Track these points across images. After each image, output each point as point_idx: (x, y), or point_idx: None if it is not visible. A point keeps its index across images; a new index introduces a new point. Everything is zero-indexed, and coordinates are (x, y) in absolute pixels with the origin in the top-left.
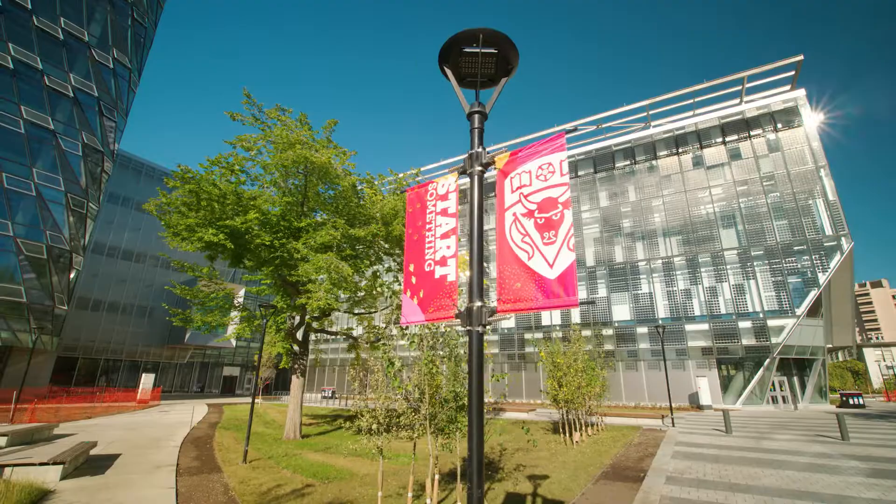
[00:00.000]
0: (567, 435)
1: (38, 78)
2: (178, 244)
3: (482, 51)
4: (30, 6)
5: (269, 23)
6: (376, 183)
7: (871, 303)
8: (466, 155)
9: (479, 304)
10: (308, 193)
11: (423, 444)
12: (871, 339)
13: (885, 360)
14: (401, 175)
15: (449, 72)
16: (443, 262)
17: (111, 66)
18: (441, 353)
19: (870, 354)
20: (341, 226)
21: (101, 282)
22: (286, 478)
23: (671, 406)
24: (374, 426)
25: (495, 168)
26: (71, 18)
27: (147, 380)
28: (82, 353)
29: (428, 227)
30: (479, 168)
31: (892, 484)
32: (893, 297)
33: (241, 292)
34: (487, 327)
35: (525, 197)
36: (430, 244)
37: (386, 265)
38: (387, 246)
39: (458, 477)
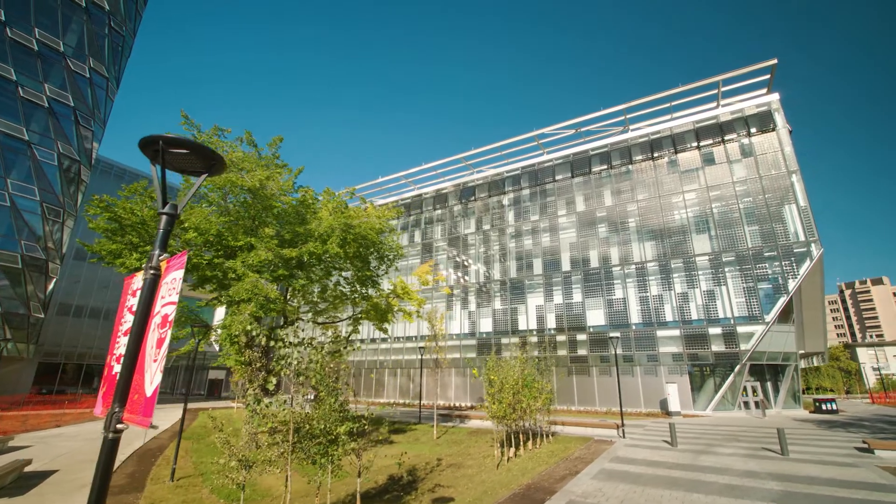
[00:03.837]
0: (506, 448)
1: (11, 89)
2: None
3: (169, 150)
4: (3, 17)
5: (265, 21)
6: (321, 201)
7: (871, 300)
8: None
9: (117, 409)
10: (251, 213)
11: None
12: (865, 337)
13: (877, 361)
14: (337, 193)
15: (156, 166)
16: (119, 359)
17: (87, 75)
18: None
19: (863, 354)
20: (273, 247)
21: (84, 287)
22: (198, 499)
23: (622, 413)
24: (233, 463)
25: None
26: (46, 29)
27: None
28: (65, 359)
29: (121, 322)
30: (153, 272)
31: None
32: (894, 294)
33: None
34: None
35: (161, 308)
36: (117, 340)
37: (334, 279)
38: (341, 260)
39: None
